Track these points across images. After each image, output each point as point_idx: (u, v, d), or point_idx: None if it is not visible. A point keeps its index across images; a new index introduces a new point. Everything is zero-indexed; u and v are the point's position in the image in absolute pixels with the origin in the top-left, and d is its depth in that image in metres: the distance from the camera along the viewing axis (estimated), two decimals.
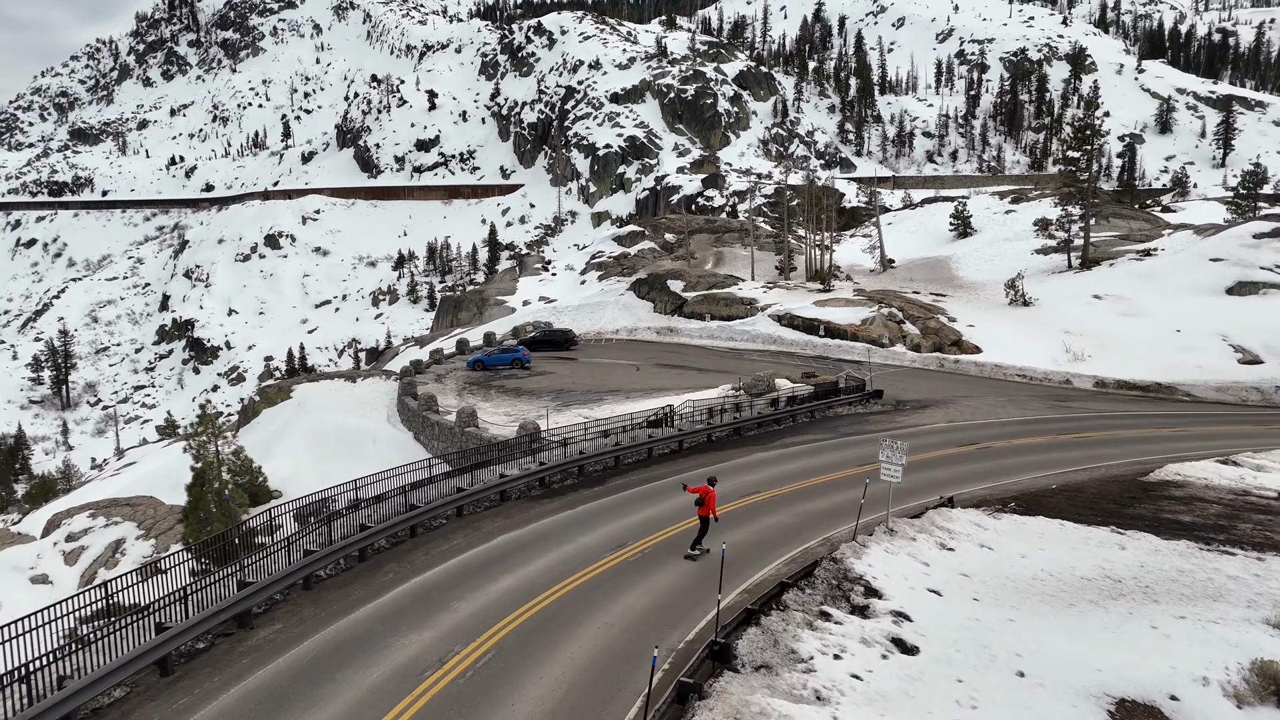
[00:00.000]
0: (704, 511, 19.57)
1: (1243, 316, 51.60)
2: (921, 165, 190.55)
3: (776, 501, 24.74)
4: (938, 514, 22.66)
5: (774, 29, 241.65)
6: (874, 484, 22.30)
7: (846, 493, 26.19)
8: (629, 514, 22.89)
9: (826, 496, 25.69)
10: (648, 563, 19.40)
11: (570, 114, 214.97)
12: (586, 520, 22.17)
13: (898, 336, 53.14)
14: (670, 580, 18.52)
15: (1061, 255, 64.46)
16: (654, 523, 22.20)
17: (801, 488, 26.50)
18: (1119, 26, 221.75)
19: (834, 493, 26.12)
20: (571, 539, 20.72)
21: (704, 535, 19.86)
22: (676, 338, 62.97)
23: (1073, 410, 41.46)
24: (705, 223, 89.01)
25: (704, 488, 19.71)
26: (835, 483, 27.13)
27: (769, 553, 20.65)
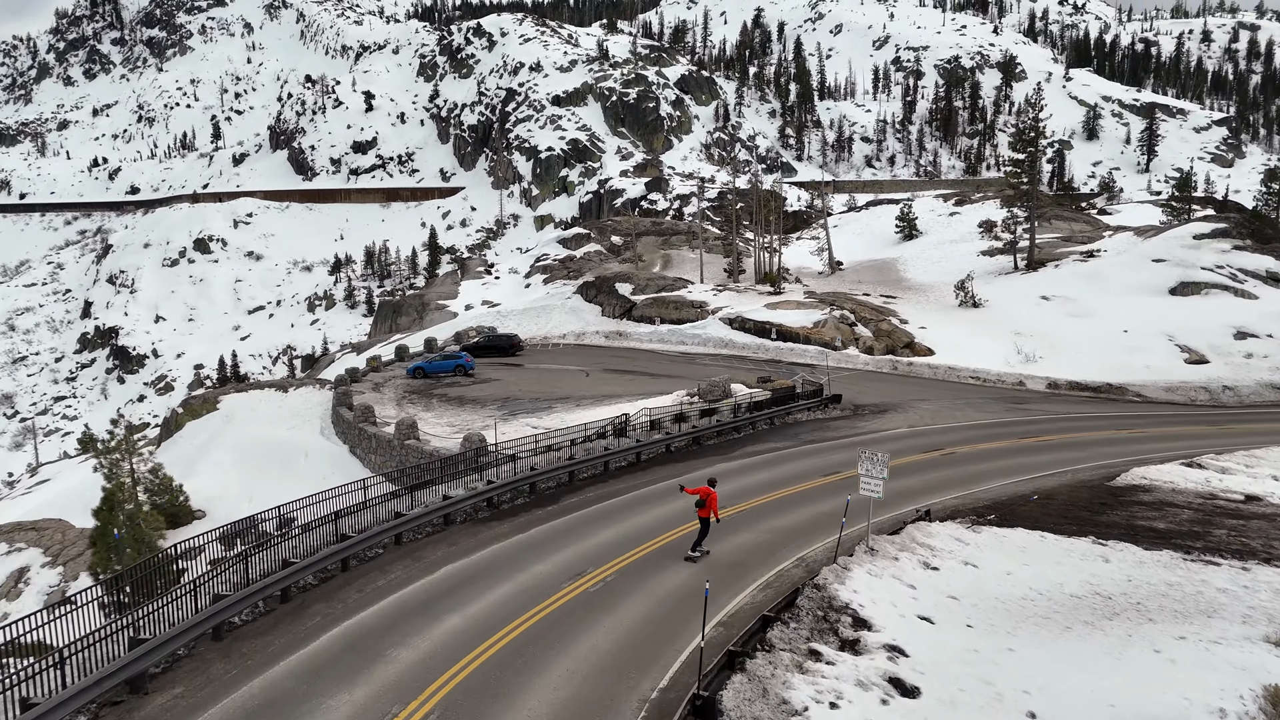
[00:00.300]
0: (704, 513, 19.33)
1: (1187, 317, 51.76)
2: (860, 170, 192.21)
3: (744, 518, 22.96)
4: (917, 529, 21.15)
5: (714, 34, 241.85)
6: (849, 497, 20.67)
7: (815, 505, 24.59)
8: (587, 536, 20.86)
9: (795, 511, 24.03)
10: (612, 593, 17.40)
11: (511, 116, 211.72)
12: (541, 545, 20.06)
13: (850, 339, 52.06)
14: (638, 613, 16.55)
15: (1007, 256, 64.36)
16: (615, 546, 20.21)
17: (768, 501, 24.79)
18: (1047, 36, 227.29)
19: (803, 506, 24.47)
20: (525, 567, 18.60)
21: (704, 537, 19.60)
22: (626, 342, 61.06)
23: (1030, 412, 40.70)
24: (652, 225, 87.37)
25: (704, 489, 19.38)
26: (803, 495, 25.49)
27: (742, 577, 18.83)
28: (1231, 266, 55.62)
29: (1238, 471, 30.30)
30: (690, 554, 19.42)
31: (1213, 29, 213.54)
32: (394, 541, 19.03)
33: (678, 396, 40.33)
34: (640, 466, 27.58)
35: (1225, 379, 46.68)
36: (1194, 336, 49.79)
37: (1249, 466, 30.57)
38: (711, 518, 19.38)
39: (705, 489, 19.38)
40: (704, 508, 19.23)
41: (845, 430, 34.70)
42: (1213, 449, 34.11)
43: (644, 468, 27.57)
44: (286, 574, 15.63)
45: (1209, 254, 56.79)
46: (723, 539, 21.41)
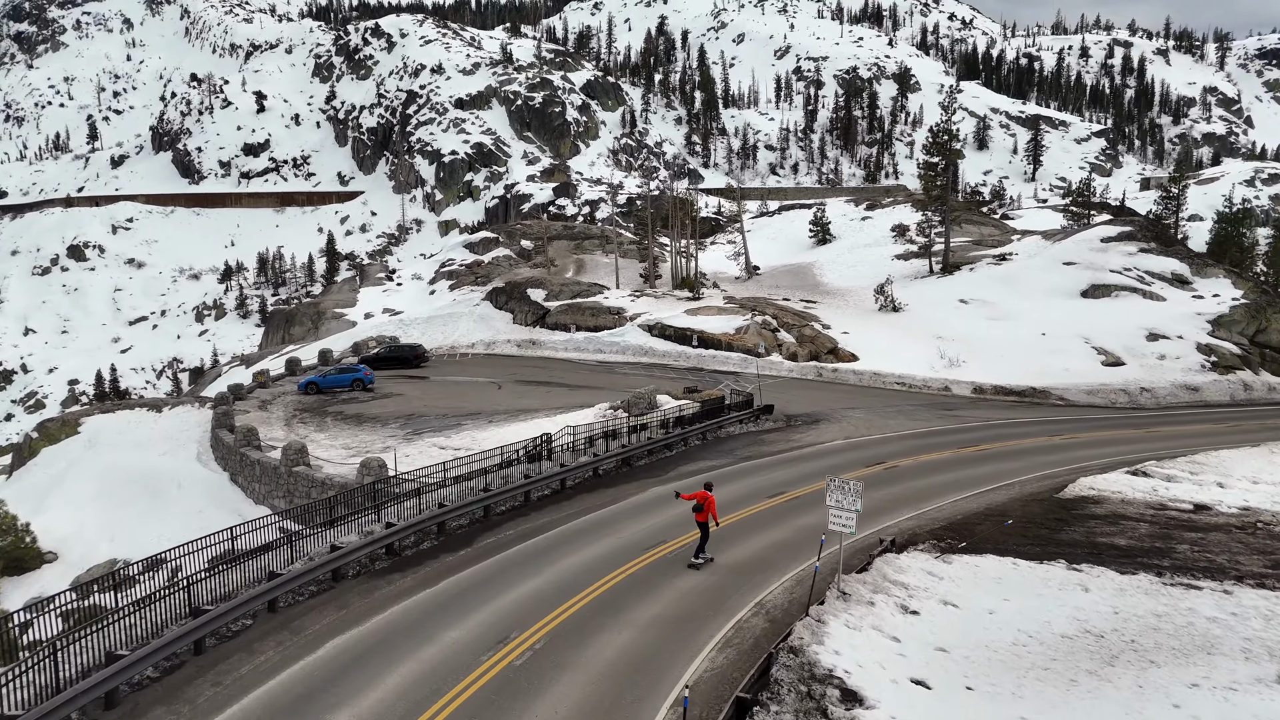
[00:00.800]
0: (702, 518, 18.97)
1: (1100, 319, 51.62)
2: (765, 177, 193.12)
3: (687, 554, 19.92)
4: (886, 563, 18.55)
5: (619, 40, 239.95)
6: (823, 536, 17.89)
7: (765, 534, 21.79)
8: (508, 588, 17.43)
9: (743, 542, 21.14)
10: (543, 668, 14.04)
11: (413, 119, 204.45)
12: (452, 602, 16.51)
13: (773, 345, 49.88)
14: (578, 695, 13.24)
15: (922, 260, 63.65)
16: (543, 599, 16.85)
17: (711, 533, 21.80)
18: (938, 49, 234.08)
19: (751, 536, 21.61)
20: (433, 635, 15.04)
21: (705, 543, 19.14)
22: (540, 351, 57.46)
23: (961, 419, 39.14)
24: (564, 229, 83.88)
25: (701, 493, 19.07)
26: (750, 523, 22.63)
27: (696, 634, 15.75)
28: (1139, 269, 56.00)
29: (1183, 479, 29.07)
30: (694, 561, 18.96)
31: (1090, 45, 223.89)
32: (267, 609, 15.16)
33: (600, 410, 37.10)
34: (566, 494, 24.21)
35: (1142, 381, 46.42)
36: (1109, 339, 49.57)
37: (1193, 474, 29.38)
38: (711, 523, 18.97)
39: (702, 493, 18.99)
40: (701, 512, 18.84)
41: (781, 444, 32.15)
42: (1145, 454, 33.13)
43: (570, 495, 24.21)
44: (111, 673, 11.65)
45: (1116, 257, 57.12)
46: (667, 582, 18.34)
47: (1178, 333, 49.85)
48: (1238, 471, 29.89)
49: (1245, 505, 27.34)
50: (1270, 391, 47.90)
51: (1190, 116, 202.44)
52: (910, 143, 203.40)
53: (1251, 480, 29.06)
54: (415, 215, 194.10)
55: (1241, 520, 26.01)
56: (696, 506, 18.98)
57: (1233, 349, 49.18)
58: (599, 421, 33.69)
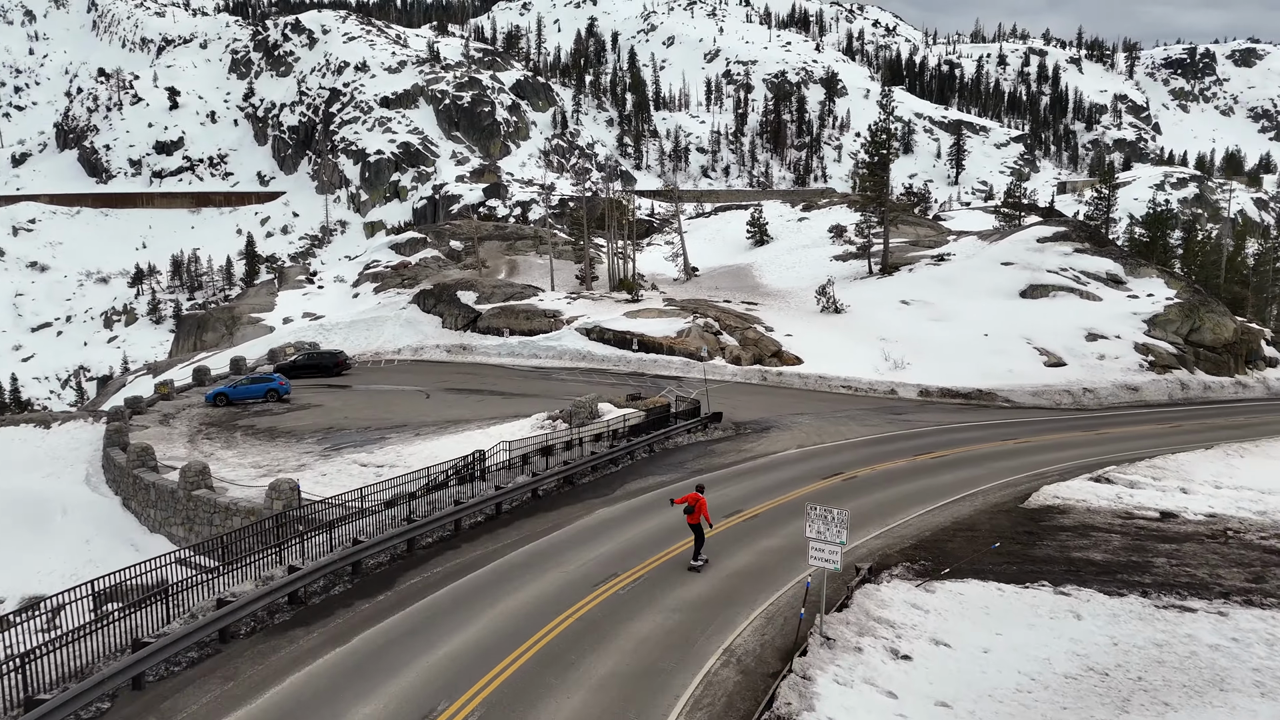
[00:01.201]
0: (694, 520, 18.60)
1: (1040, 319, 51.04)
2: (697, 179, 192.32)
3: (643, 589, 17.50)
4: (866, 597, 16.44)
5: (548, 41, 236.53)
6: (762, 541, 15.63)
7: (725, 562, 19.50)
8: (436, 640, 14.70)
9: (701, 574, 18.80)
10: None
11: (336, 117, 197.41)
12: (369, 664, 13.72)
13: (716, 349, 47.85)
14: None
15: (861, 261, 62.58)
16: (479, 654, 14.18)
17: (666, 560, 19.43)
18: (864, 55, 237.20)
19: (711, 564, 19.29)
20: (341, 714, 12.25)
21: (701, 545, 18.82)
22: (472, 356, 54.33)
23: (912, 424, 37.61)
24: (495, 229, 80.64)
25: (692, 495, 18.79)
26: (709, 550, 20.29)
27: (660, 694, 13.30)
28: (1074, 269, 55.80)
29: (1146, 485, 27.91)
30: (693, 564, 18.69)
31: (1008, 53, 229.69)
32: (131, 687, 12.13)
33: (537, 420, 34.41)
34: (502, 520, 21.49)
35: (1084, 381, 45.81)
36: (1050, 339, 48.94)
37: (1156, 480, 28.26)
38: (703, 524, 18.66)
39: (693, 495, 18.76)
40: (694, 514, 18.52)
41: (733, 455, 29.98)
42: (1099, 457, 32.13)
43: (507, 521, 21.50)
44: None
45: (1053, 257, 56.85)
46: (622, 626, 15.86)
47: (1115, 332, 49.55)
48: (1199, 476, 28.91)
49: (1211, 512, 26.30)
50: (1205, 390, 47.90)
51: (1102, 123, 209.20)
52: (838, 146, 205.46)
53: (1214, 485, 28.07)
54: (340, 216, 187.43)
55: (1210, 529, 24.92)
56: (688, 509, 18.60)
57: (1169, 348, 49.08)
58: (536, 434, 31.01)
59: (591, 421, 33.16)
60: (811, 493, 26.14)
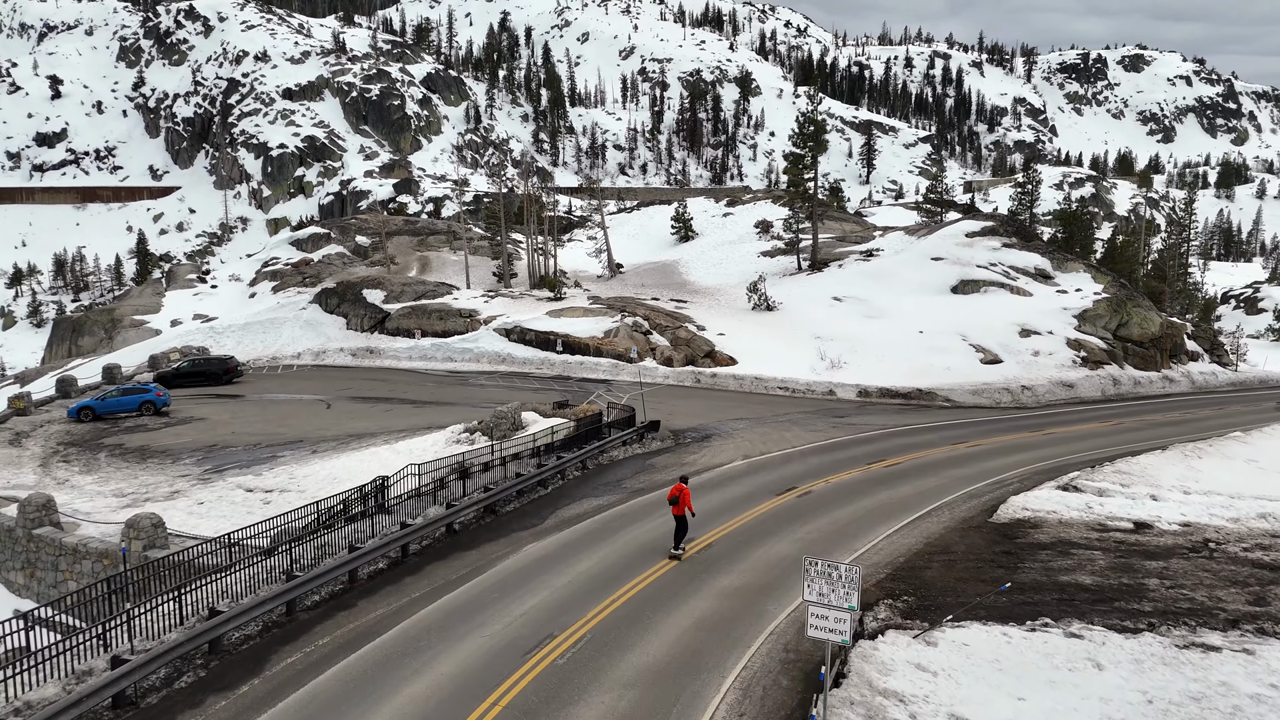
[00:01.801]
0: (678, 510, 18.63)
1: (973, 315, 49.56)
2: (615, 177, 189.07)
3: (587, 656, 14.01)
4: (864, 660, 13.38)
5: (460, 35, 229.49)
6: (719, 580, 12.34)
7: (683, 610, 16.16)
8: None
9: (660, 621, 15.45)
10: None
11: (235, 109, 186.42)
12: None
13: (646, 350, 44.59)
14: None
15: (789, 257, 60.35)
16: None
17: (613, 611, 15.99)
18: (776, 55, 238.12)
19: (667, 611, 15.94)
20: None
21: (683, 535, 18.79)
22: (380, 360, 49.69)
23: (857, 428, 35.09)
24: (405, 224, 75.45)
25: (677, 487, 18.77)
26: (656, 596, 16.91)
27: None
28: (1004, 264, 54.70)
29: (1115, 493, 25.88)
30: (673, 552, 18.65)
31: (914, 56, 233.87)
32: None
33: (453, 433, 30.44)
34: (409, 565, 17.62)
35: (1021, 379, 44.36)
36: (985, 336, 47.44)
37: (1124, 486, 26.27)
38: (687, 513, 18.64)
39: (678, 486, 18.79)
40: (678, 505, 18.60)
41: (675, 469, 26.68)
42: (1054, 460, 30.35)
43: (415, 566, 17.64)
44: None
45: (982, 252, 55.67)
46: (563, 713, 12.33)
47: (1048, 328, 48.42)
48: (1165, 481, 27.10)
49: (1185, 521, 24.45)
50: (1136, 386, 47.16)
51: (1003, 125, 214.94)
52: (753, 145, 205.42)
53: (1183, 491, 26.26)
54: (240, 213, 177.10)
55: (1190, 540, 23.02)
56: (673, 499, 18.64)
57: (1099, 344, 48.21)
58: (452, 451, 27.11)
59: (515, 434, 29.43)
60: (767, 512, 23.14)
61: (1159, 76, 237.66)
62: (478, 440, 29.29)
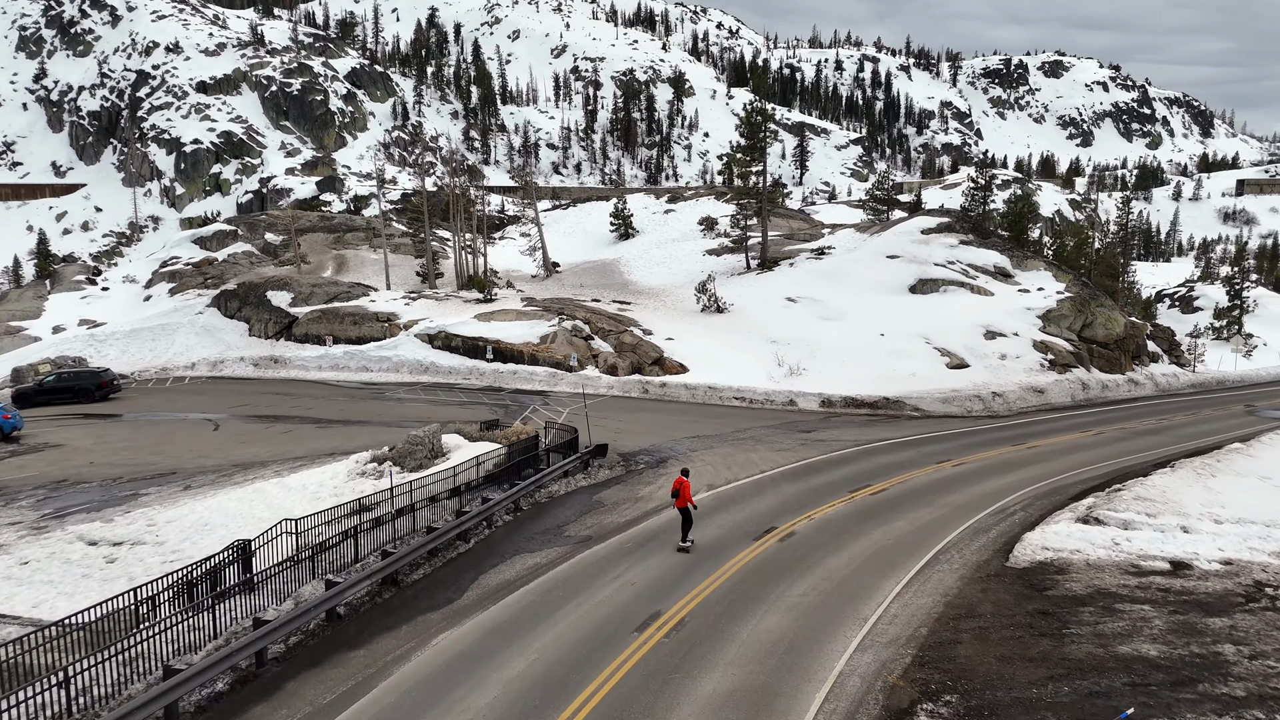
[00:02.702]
0: (681, 503, 18.24)
1: (935, 316, 45.98)
2: (549, 176, 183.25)
3: None
4: None
5: (386, 30, 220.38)
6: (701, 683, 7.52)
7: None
8: None
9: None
10: None
11: (146, 103, 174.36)
12: None
13: (587, 356, 39.60)
14: None
15: (736, 256, 56.10)
16: None
17: None
18: (709, 56, 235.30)
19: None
20: None
21: (689, 527, 18.34)
22: (285, 371, 43.56)
23: (827, 445, 30.75)
24: (321, 219, 68.77)
25: (678, 480, 18.35)
26: (619, 707, 11.97)
27: None
28: (961, 262, 51.39)
29: (1142, 525, 21.96)
30: (681, 545, 18.19)
31: (844, 59, 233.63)
32: None
33: (357, 463, 24.93)
34: (265, 680, 12.18)
35: (991, 385, 40.79)
36: (949, 338, 43.84)
37: (1151, 516, 22.37)
38: (690, 506, 18.19)
39: (679, 479, 18.35)
40: (680, 498, 18.15)
41: (628, 506, 21.81)
42: (1052, 480, 26.59)
43: (274, 683, 12.18)
44: None
45: (939, 249, 52.28)
46: None
47: (1013, 329, 45.12)
48: (1190, 508, 23.34)
49: (1226, 559, 20.72)
50: (1104, 390, 44.17)
51: (931, 128, 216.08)
52: (688, 146, 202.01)
53: (1213, 520, 22.51)
54: (152, 212, 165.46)
55: (1241, 585, 19.25)
56: (674, 493, 18.37)
57: (1065, 346, 45.11)
58: (353, 492, 21.64)
59: (434, 463, 24.15)
60: (747, 565, 18.43)
61: (1077, 82, 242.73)
62: (386, 472, 23.89)
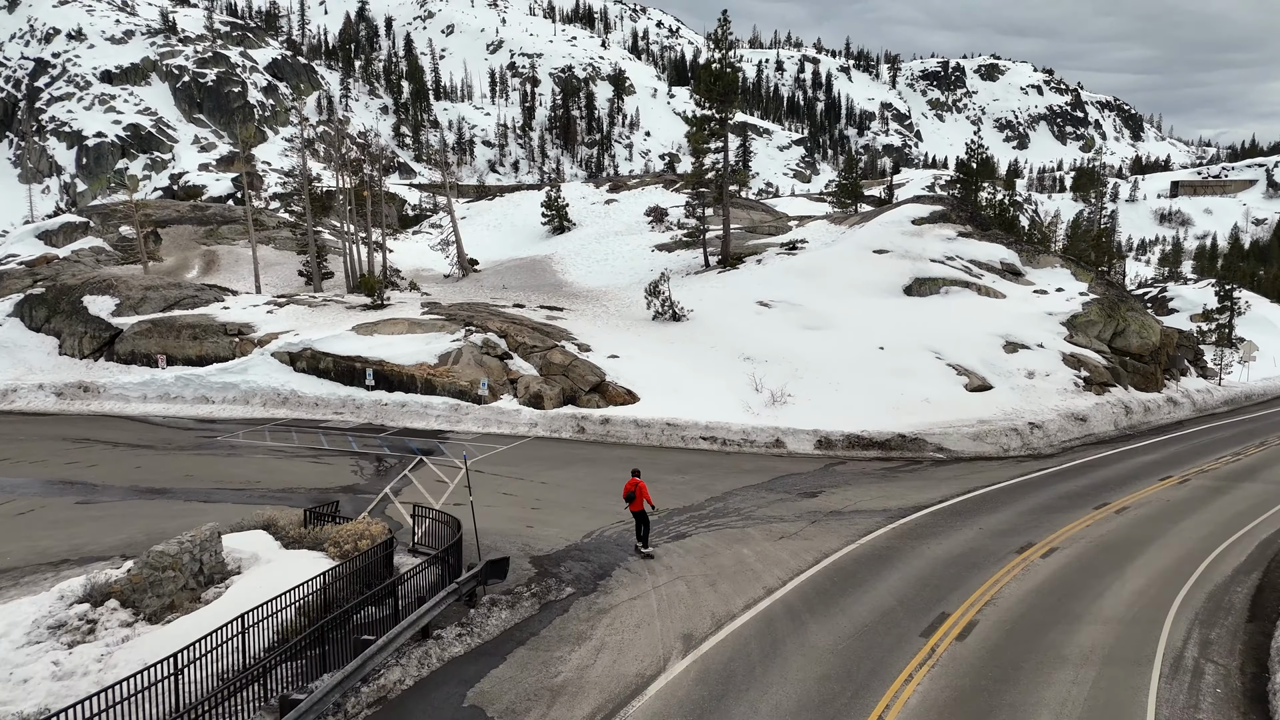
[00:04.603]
0: (637, 507, 16.70)
1: (940, 324, 36.15)
2: (484, 174, 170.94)
3: None
4: None
5: (313, 22, 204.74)
6: None
7: None
8: None
9: None
10: None
11: (45, 93, 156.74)
12: None
13: (503, 382, 28.58)
14: None
15: (691, 251, 45.77)
16: None
17: None
18: (649, 55, 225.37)
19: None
20: None
21: (648, 531, 16.90)
22: (98, 403, 31.50)
23: (848, 522, 20.34)
24: (192, 209, 56.07)
25: (631, 482, 16.68)
26: None
27: None
28: (962, 257, 41.82)
29: None
30: (644, 551, 16.63)
31: (785, 60, 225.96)
32: None
33: (58, 600, 13.46)
34: None
35: (1024, 412, 31.05)
36: (962, 351, 34.02)
37: None
38: (646, 507, 16.70)
39: (633, 482, 16.68)
40: (636, 501, 16.60)
41: (541, 701, 10.94)
42: (1186, 577, 16.70)
43: None
44: None
45: (934, 243, 42.62)
46: None
47: (1036, 339, 35.57)
48: None
49: None
50: (1146, 414, 34.91)
51: (872, 129, 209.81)
52: (629, 145, 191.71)
53: None
54: (50, 210, 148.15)
55: None
56: (629, 496, 16.59)
57: (1099, 359, 35.74)
58: (18, 682, 10.26)
59: (200, 597, 12.93)
60: None
61: (1013, 86, 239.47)
62: (105, 620, 12.66)
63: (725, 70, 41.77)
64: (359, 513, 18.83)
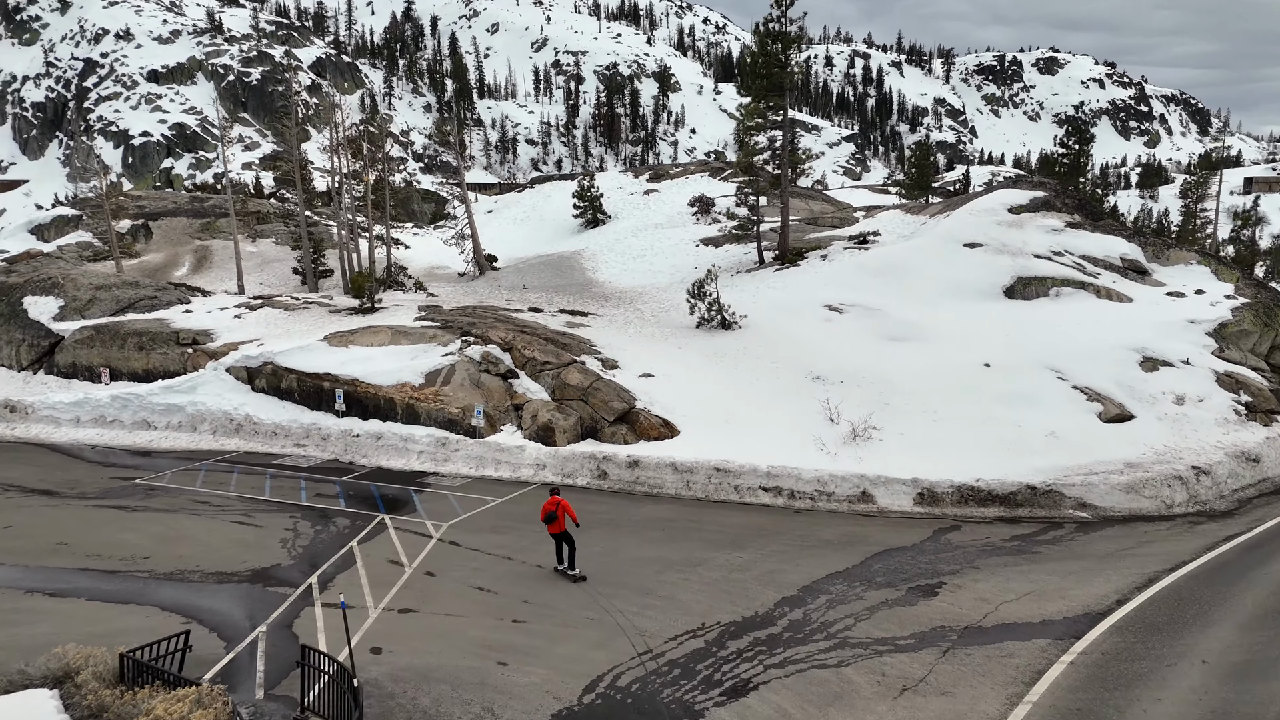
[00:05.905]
0: (559, 527, 14.45)
1: (1056, 335, 28.40)
2: (528, 173, 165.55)
3: None
4: None
5: (360, 23, 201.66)
6: None
7: None
8: None
9: None
10: None
11: (94, 93, 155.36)
12: None
13: (505, 407, 21.88)
14: None
15: (743, 246, 38.62)
16: None
17: None
18: (695, 51, 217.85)
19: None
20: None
21: (573, 551, 14.66)
22: (24, 427, 25.61)
23: (998, 648, 13.25)
24: (191, 201, 50.62)
25: (551, 500, 14.49)
26: None
27: None
28: (1071, 253, 33.95)
29: None
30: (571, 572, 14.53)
31: (834, 55, 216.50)
32: None
33: None
34: None
35: (1182, 451, 23.25)
36: (1088, 369, 26.27)
37: None
38: (570, 526, 14.53)
39: (552, 500, 14.48)
40: (555, 522, 14.38)
41: None
42: None
43: None
44: None
45: (1037, 235, 34.80)
46: None
47: (1179, 354, 27.61)
48: None
49: None
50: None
51: (925, 125, 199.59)
52: (674, 142, 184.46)
53: None
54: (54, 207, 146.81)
55: None
56: (550, 517, 14.31)
57: (1259, 380, 27.64)
58: None
59: None
60: None
61: (1073, 79, 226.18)
62: None
63: (785, 31, 34.49)
64: (253, 624, 12.21)
